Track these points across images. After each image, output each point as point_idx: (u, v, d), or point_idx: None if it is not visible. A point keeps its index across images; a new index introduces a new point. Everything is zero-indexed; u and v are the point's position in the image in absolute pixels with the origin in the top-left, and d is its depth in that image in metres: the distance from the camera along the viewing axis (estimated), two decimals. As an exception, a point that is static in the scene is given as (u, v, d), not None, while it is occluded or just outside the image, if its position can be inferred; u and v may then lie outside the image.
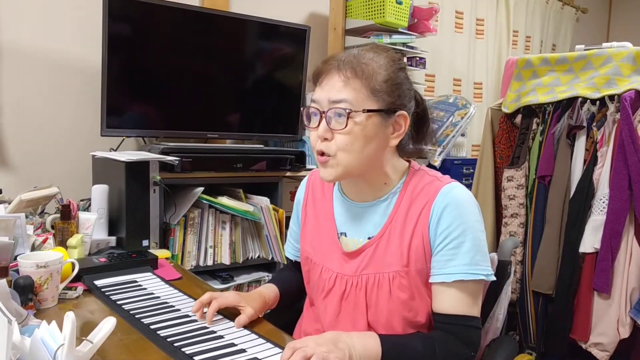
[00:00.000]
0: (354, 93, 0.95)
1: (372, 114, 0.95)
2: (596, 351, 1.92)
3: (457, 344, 0.94)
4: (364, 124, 0.95)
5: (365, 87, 0.95)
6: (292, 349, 0.82)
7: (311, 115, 1.01)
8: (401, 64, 1.02)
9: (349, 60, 0.96)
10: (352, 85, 0.95)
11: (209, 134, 2.08)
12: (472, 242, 0.96)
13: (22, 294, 1.01)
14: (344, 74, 0.95)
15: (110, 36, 1.78)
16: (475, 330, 0.96)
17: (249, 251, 2.05)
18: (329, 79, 0.97)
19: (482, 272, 0.96)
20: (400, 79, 0.99)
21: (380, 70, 0.96)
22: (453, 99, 2.83)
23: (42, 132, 1.96)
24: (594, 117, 2.01)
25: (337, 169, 0.98)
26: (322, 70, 0.99)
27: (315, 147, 1.00)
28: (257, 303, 1.08)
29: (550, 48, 4.10)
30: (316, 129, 0.98)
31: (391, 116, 0.98)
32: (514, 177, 2.18)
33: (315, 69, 1.02)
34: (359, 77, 0.95)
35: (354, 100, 0.94)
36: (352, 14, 2.56)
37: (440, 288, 0.97)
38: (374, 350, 0.89)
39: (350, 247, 1.07)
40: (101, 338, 0.81)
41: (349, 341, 0.88)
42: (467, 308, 0.96)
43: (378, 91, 0.95)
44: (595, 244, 1.90)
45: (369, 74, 0.95)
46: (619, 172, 1.85)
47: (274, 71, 2.23)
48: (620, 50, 1.95)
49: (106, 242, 1.56)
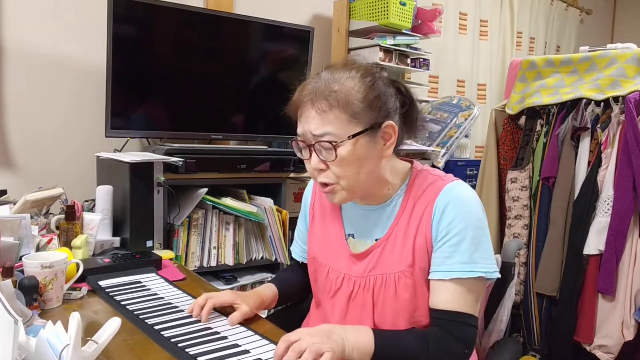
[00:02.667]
0: (334, 124, 0.93)
1: (358, 137, 0.94)
2: (600, 353, 1.91)
3: (451, 340, 0.94)
4: (353, 149, 0.94)
5: (344, 114, 0.93)
6: (285, 342, 0.83)
7: (301, 148, 1.00)
8: (375, 73, 0.99)
9: (321, 91, 0.94)
10: (329, 117, 0.93)
11: (212, 135, 2.09)
12: (472, 240, 0.96)
13: (27, 294, 1.01)
14: (319, 107, 0.93)
15: (115, 37, 1.78)
16: (468, 328, 0.95)
17: (252, 252, 2.05)
18: (307, 114, 0.96)
19: (481, 270, 0.95)
20: (377, 91, 0.96)
21: (354, 92, 0.94)
22: (457, 100, 2.83)
23: (47, 133, 1.97)
24: (599, 118, 2.00)
25: (342, 194, 0.99)
26: (298, 105, 0.98)
27: (314, 178, 1.00)
28: (252, 301, 1.08)
29: (554, 49, 4.10)
30: (309, 160, 0.98)
31: (378, 130, 0.96)
32: (517, 178, 2.17)
33: (291, 102, 1.00)
34: (334, 107, 0.93)
35: (336, 131, 0.93)
36: (356, 16, 2.56)
37: (437, 284, 0.97)
38: (367, 343, 0.90)
39: (358, 248, 1.07)
40: (106, 338, 0.81)
41: (342, 333, 0.88)
42: (462, 305, 0.95)
43: (357, 113, 0.94)
44: (599, 246, 1.89)
45: (344, 101, 0.93)
46: (624, 174, 1.84)
47: (277, 72, 2.23)
48: (625, 52, 1.94)
49: (110, 242, 1.56)
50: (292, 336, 0.84)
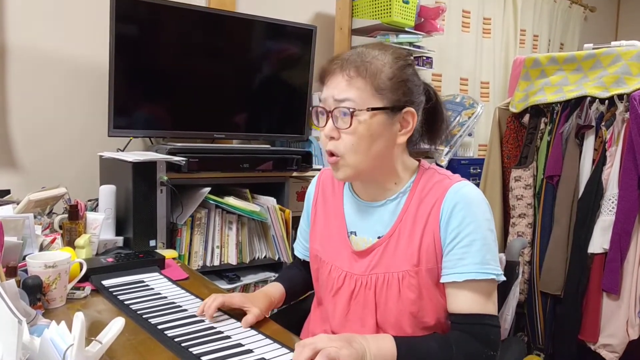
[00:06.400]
0: (358, 92, 0.94)
1: (376, 112, 0.95)
2: (605, 352, 1.90)
3: (475, 343, 0.93)
4: (368, 123, 0.95)
5: (369, 85, 0.95)
6: (302, 347, 0.82)
7: (319, 114, 1.01)
8: (408, 60, 1.01)
9: (353, 59, 0.96)
10: (356, 84, 0.95)
11: (215, 134, 2.09)
12: (483, 241, 0.95)
13: (31, 293, 1.01)
14: (347, 73, 0.95)
15: (117, 37, 1.78)
16: (492, 328, 0.95)
17: (255, 251, 2.05)
18: (334, 79, 0.97)
19: (493, 272, 0.95)
20: (406, 75, 0.98)
21: (384, 68, 0.96)
22: (460, 98, 2.82)
23: (50, 133, 1.97)
24: (603, 116, 1.99)
25: (346, 170, 0.99)
26: (327, 70, 0.99)
27: (324, 146, 1.01)
28: (262, 303, 1.08)
29: (558, 47, 4.08)
30: (324, 128, 0.99)
31: (397, 113, 0.97)
32: (521, 177, 2.17)
33: (320, 68, 1.02)
34: (362, 75, 0.95)
35: (358, 99, 0.94)
36: (359, 14, 2.56)
37: (453, 288, 0.96)
38: (388, 352, 0.88)
39: (360, 246, 1.06)
40: (110, 338, 0.81)
41: (363, 342, 0.87)
42: (482, 306, 0.94)
43: (382, 89, 0.95)
44: (604, 245, 1.89)
45: (373, 72, 0.95)
46: (628, 172, 1.83)
47: (280, 71, 2.23)
48: (630, 49, 1.93)
49: (113, 242, 1.56)
50: (309, 341, 0.83)
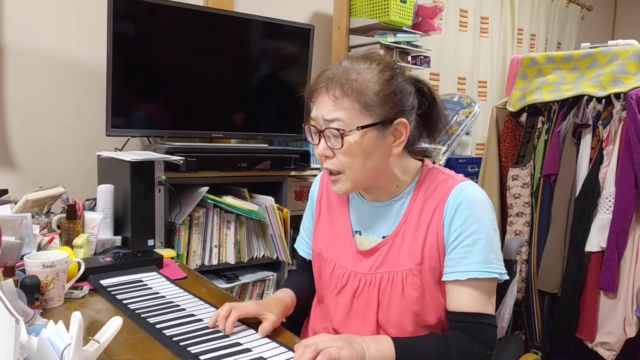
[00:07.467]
0: (345, 112, 0.93)
1: (367, 129, 0.94)
2: (602, 350, 1.91)
3: (472, 342, 0.93)
4: (360, 141, 0.94)
5: (356, 103, 0.93)
6: (304, 347, 0.82)
7: (311, 133, 1.01)
8: (395, 70, 0.99)
9: (337, 78, 0.94)
10: (342, 104, 0.93)
11: (213, 133, 2.09)
12: (486, 241, 0.95)
13: (29, 293, 1.01)
14: (333, 93, 0.94)
15: (115, 36, 1.78)
16: (489, 328, 0.95)
17: (253, 250, 2.05)
18: (321, 98, 0.96)
19: (496, 271, 0.95)
20: (393, 87, 0.95)
21: (370, 84, 0.93)
22: (458, 97, 2.83)
23: (48, 132, 1.97)
24: (600, 115, 2.00)
25: (346, 184, 0.99)
26: (314, 89, 0.98)
27: (321, 164, 1.01)
28: (278, 309, 1.06)
29: (555, 46, 4.08)
30: (318, 146, 0.99)
31: (388, 127, 0.96)
32: (519, 175, 2.17)
33: (308, 87, 1.01)
34: (347, 95, 0.93)
35: (347, 119, 0.93)
36: (356, 13, 2.56)
37: (454, 286, 0.96)
38: (387, 354, 0.89)
39: (364, 245, 1.07)
40: (108, 338, 0.81)
41: (363, 344, 0.88)
42: (481, 306, 0.95)
43: (370, 105, 0.93)
44: (601, 243, 1.89)
45: (358, 90, 0.93)
46: (625, 171, 1.84)
47: (278, 70, 2.23)
48: (627, 48, 1.94)
49: (112, 241, 1.56)
50: (310, 340, 0.84)
